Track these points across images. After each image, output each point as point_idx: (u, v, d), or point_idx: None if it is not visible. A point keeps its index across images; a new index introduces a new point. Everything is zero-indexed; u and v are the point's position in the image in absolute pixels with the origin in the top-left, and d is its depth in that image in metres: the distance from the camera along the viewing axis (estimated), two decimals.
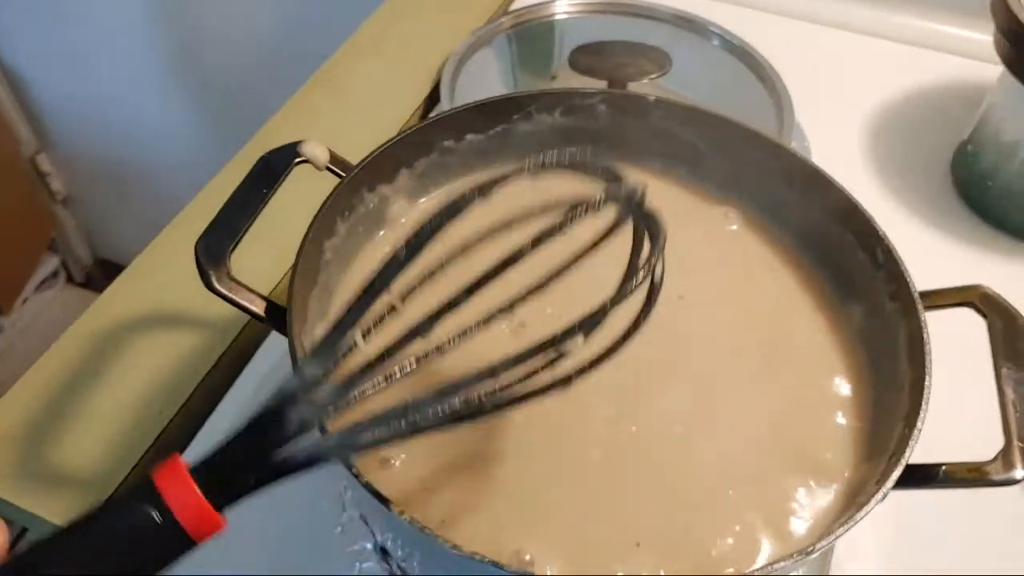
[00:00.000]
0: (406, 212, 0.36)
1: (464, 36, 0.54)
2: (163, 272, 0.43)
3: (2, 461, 0.35)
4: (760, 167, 0.36)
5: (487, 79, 0.55)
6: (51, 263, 1.43)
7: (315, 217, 0.31)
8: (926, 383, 0.27)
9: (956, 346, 0.31)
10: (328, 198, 0.32)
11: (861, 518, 0.24)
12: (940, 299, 0.31)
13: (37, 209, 1.36)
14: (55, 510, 0.34)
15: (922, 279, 0.38)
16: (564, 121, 0.37)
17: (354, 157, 0.47)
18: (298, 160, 0.33)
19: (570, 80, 0.52)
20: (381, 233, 0.35)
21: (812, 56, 0.58)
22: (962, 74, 0.57)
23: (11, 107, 1.25)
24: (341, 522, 0.35)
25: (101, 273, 1.50)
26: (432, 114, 0.51)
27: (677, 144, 0.37)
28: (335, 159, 0.34)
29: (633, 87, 0.51)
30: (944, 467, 0.27)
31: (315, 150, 0.34)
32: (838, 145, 0.53)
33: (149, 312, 0.41)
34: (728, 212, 0.37)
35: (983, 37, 0.46)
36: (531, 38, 0.58)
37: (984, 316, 0.30)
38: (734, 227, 0.36)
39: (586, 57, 0.52)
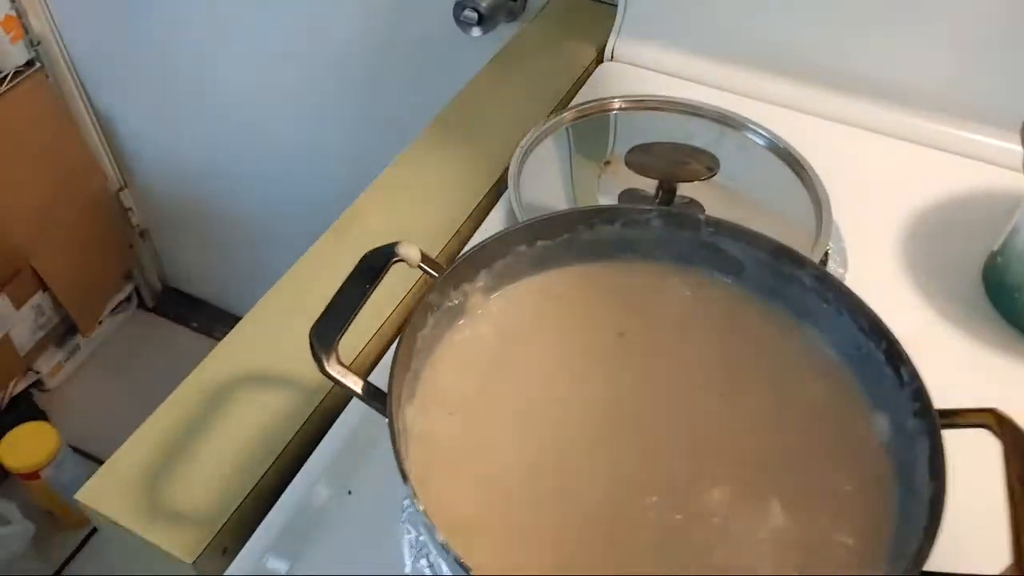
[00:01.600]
0: (482, 305, 0.41)
1: (530, 128, 0.61)
2: (261, 338, 0.49)
3: (127, 497, 0.42)
4: (798, 281, 0.41)
5: (548, 168, 0.61)
6: (126, 289, 1.52)
7: (411, 313, 0.37)
8: (943, 498, 0.32)
9: (975, 460, 0.35)
10: (423, 296, 0.37)
11: None
12: (959, 419, 0.35)
13: (119, 241, 1.45)
14: (173, 542, 0.40)
15: (953, 386, 0.42)
16: (622, 232, 0.43)
17: (431, 239, 0.54)
18: (395, 260, 0.39)
19: (623, 173, 0.58)
20: (460, 322, 0.41)
21: (851, 159, 0.63)
22: (997, 183, 0.60)
23: (100, 146, 1.35)
24: None
25: (169, 299, 1.59)
26: (500, 205, 0.58)
27: (724, 256, 0.42)
28: (426, 259, 0.40)
29: (683, 188, 0.56)
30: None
31: (410, 251, 0.40)
32: (873, 247, 0.57)
33: (249, 372, 0.47)
34: (771, 319, 0.41)
35: (1018, 148, 0.50)
36: (588, 130, 0.64)
37: (998, 437, 0.34)
38: (775, 332, 0.41)
39: (640, 156, 0.57)
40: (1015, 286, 0.52)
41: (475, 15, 0.78)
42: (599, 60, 0.71)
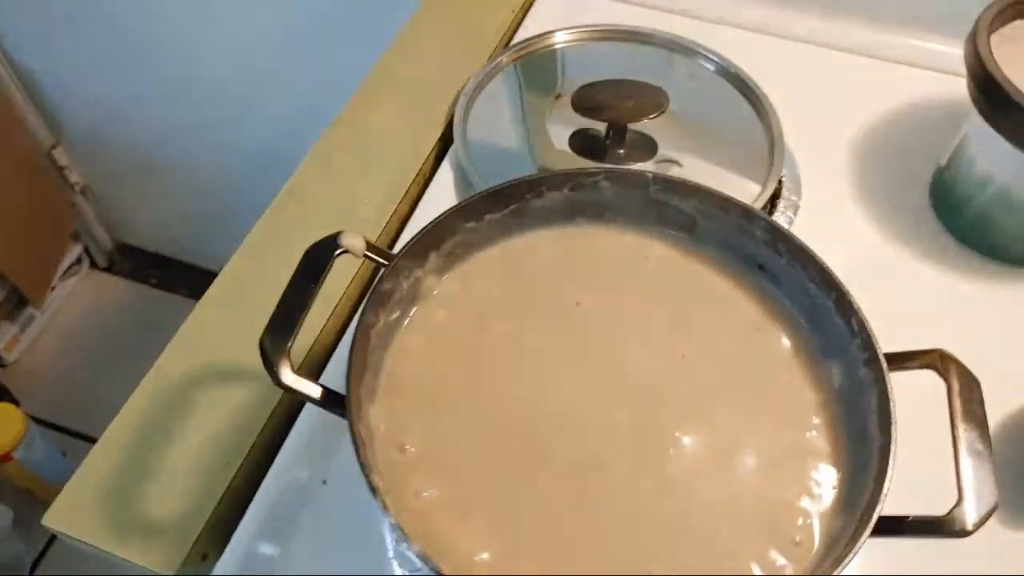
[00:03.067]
0: (436, 287, 0.40)
1: (469, 75, 0.58)
2: (211, 334, 0.48)
3: (97, 515, 0.41)
4: (749, 233, 0.40)
5: (495, 114, 0.59)
6: (74, 251, 1.48)
7: (361, 312, 0.36)
8: (891, 449, 0.32)
9: (921, 401, 0.36)
10: (371, 293, 0.36)
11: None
12: (908, 362, 0.36)
13: (59, 201, 1.40)
14: (150, 557, 0.40)
15: (903, 308, 0.43)
16: (572, 195, 0.41)
17: (376, 209, 0.52)
18: (339, 252, 0.38)
19: (571, 115, 0.56)
20: (414, 309, 0.40)
21: (799, 75, 0.61)
22: (947, 89, 0.59)
23: (25, 104, 1.28)
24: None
25: (123, 257, 1.55)
26: (448, 160, 0.56)
27: (675, 212, 0.41)
28: (371, 247, 0.38)
29: (634, 127, 0.55)
30: (909, 519, 0.32)
31: (353, 240, 0.38)
32: (825, 168, 0.56)
33: (204, 370, 0.46)
34: (726, 272, 0.41)
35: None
36: (532, 68, 0.61)
37: (944, 378, 0.35)
38: (731, 286, 0.41)
39: (587, 98, 0.55)
40: (961, 200, 0.52)
41: None
42: None
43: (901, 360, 0.36)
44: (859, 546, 0.30)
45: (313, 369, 0.47)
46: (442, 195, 0.54)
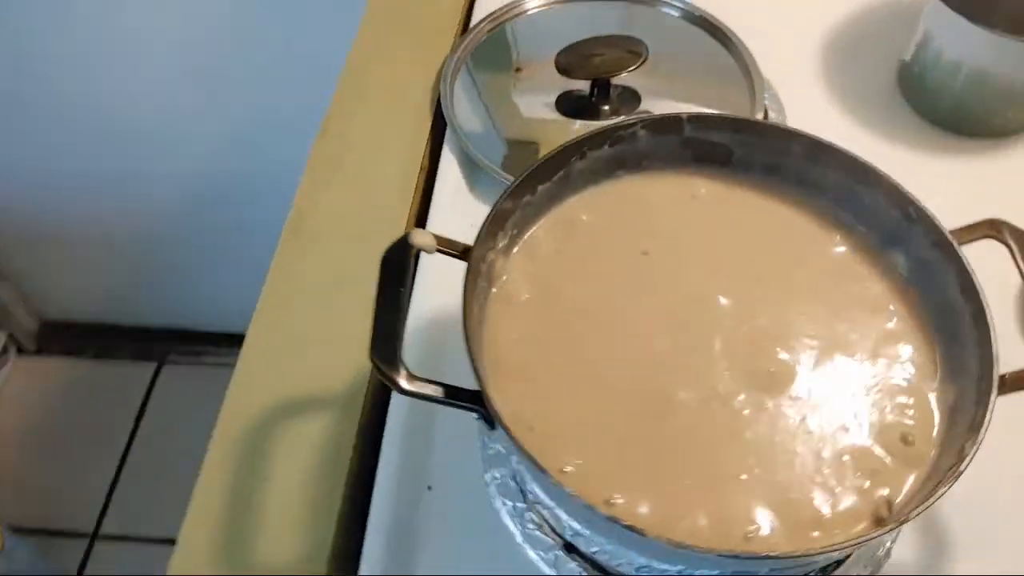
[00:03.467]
0: (505, 268, 0.41)
1: (438, 63, 0.58)
2: (269, 369, 0.47)
3: (216, 571, 0.40)
4: (787, 152, 0.42)
5: (478, 96, 0.59)
6: None
7: (464, 308, 0.35)
8: (987, 313, 0.35)
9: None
10: (465, 289, 0.36)
11: (980, 440, 0.31)
12: (965, 236, 0.38)
13: None
14: None
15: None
16: (612, 151, 0.42)
17: (392, 209, 0.52)
18: (414, 251, 0.37)
19: (549, 77, 0.57)
20: (493, 291, 0.40)
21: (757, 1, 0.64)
22: None
23: None
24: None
25: (50, 335, 1.46)
26: (448, 144, 0.55)
27: (712, 147, 0.43)
28: (442, 241, 0.38)
29: (616, 81, 0.56)
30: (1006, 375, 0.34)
31: (424, 239, 0.38)
32: (799, 81, 0.59)
33: (274, 407, 0.45)
34: (773, 195, 0.43)
35: None
36: (499, 43, 0.61)
37: (1004, 243, 0.38)
38: (777, 205, 0.43)
39: (567, 58, 0.56)
40: (934, 91, 0.55)
41: None
42: None
43: (962, 235, 0.38)
44: (992, 404, 0.32)
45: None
46: (451, 184, 0.54)
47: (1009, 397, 0.33)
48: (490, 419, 0.35)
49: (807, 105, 0.58)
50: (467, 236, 0.38)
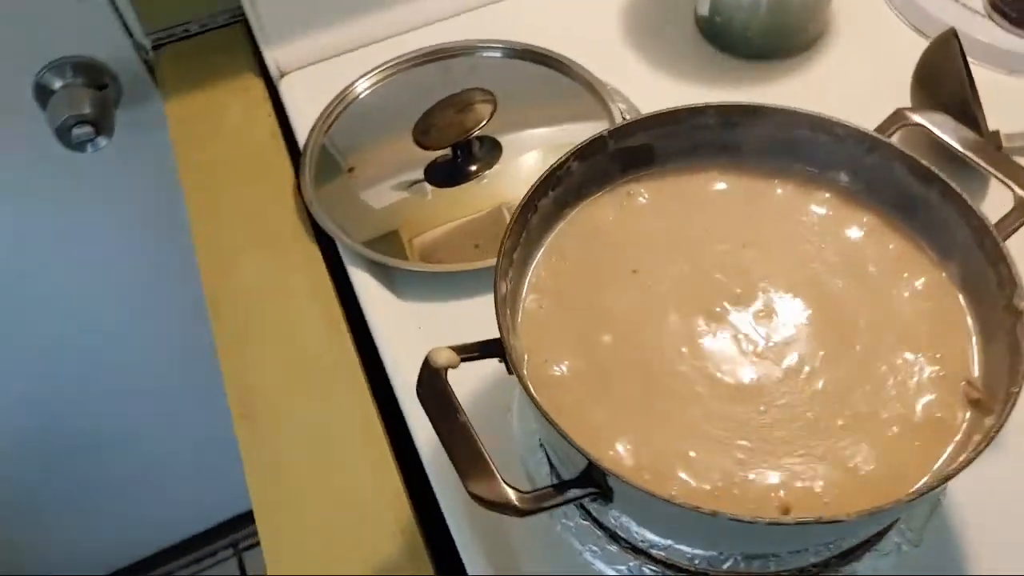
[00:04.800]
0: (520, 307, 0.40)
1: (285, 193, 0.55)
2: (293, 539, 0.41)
3: None
4: (700, 127, 0.43)
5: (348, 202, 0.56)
6: None
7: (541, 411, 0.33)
8: (951, 184, 0.37)
9: None
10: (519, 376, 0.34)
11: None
12: (887, 128, 0.41)
13: None
14: None
15: None
16: (556, 193, 0.41)
17: (328, 347, 0.47)
18: (445, 372, 0.35)
19: (401, 158, 0.55)
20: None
21: (541, 13, 0.66)
22: None
23: None
24: None
25: None
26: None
27: (634, 151, 0.43)
28: (460, 349, 0.36)
29: (479, 133, 0.55)
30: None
31: (446, 357, 0.35)
32: (615, 65, 0.61)
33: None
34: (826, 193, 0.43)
35: None
36: (330, 150, 0.59)
37: (916, 125, 0.41)
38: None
39: (425, 132, 0.55)
40: (741, 29, 0.60)
41: (89, 127, 0.64)
42: (269, 84, 0.64)
43: (884, 131, 0.41)
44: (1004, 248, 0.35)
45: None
46: (375, 297, 0.50)
47: None
48: (609, 495, 0.33)
49: (643, 87, 0.60)
50: (428, 336, 0.35)
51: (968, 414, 0.34)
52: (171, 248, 0.67)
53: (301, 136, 0.58)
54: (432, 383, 0.34)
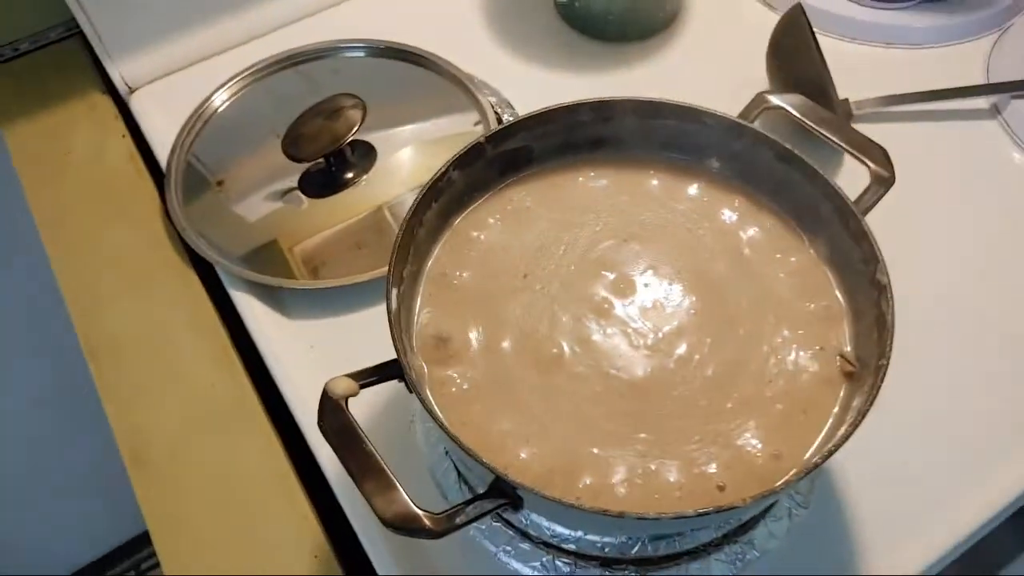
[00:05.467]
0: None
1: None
2: None
3: None
4: (572, 125, 0.44)
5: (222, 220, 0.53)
6: None
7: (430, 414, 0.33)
8: (809, 162, 0.39)
9: None
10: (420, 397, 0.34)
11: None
12: (750, 114, 0.43)
13: None
14: None
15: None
16: (439, 205, 0.41)
17: (223, 380, 0.46)
18: (344, 401, 0.34)
19: (273, 167, 0.54)
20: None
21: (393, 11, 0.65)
22: None
23: None
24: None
25: None
26: None
27: (512, 154, 0.43)
28: (359, 376, 0.35)
29: (355, 138, 0.53)
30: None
31: (343, 386, 0.35)
32: (479, 58, 0.61)
33: None
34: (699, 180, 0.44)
35: None
36: (196, 166, 0.56)
37: (777, 108, 0.43)
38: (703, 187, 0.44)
39: (294, 145, 0.53)
40: (601, 13, 0.61)
41: None
42: (118, 101, 0.60)
43: (747, 116, 0.43)
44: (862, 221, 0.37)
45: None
46: (262, 318, 0.49)
47: None
48: (520, 503, 0.33)
49: (509, 77, 0.60)
50: (322, 355, 0.35)
51: (844, 386, 0.37)
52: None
53: (162, 155, 0.55)
54: (333, 415, 0.34)
